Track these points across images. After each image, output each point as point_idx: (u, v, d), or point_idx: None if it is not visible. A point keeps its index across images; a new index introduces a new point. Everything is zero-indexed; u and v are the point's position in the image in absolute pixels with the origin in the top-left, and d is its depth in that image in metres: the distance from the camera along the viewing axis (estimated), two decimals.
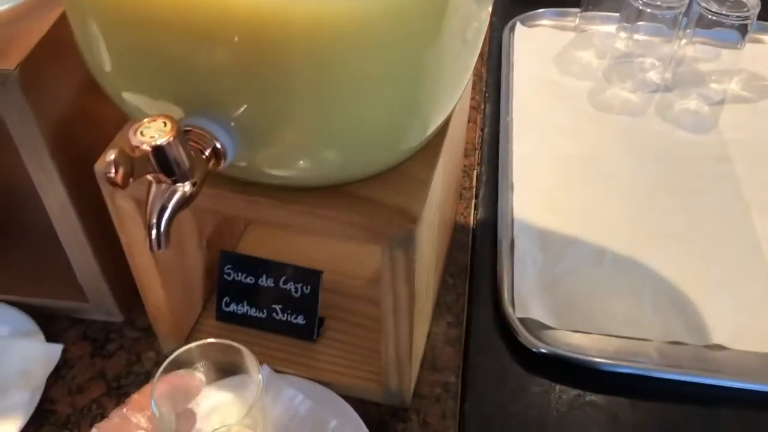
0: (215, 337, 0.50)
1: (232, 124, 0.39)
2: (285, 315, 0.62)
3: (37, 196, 0.73)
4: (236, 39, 0.36)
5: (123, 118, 0.51)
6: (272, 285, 0.62)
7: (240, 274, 0.62)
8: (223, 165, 0.41)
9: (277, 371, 0.59)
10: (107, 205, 0.51)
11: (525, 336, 0.62)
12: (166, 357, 0.63)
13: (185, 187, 0.38)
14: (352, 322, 0.65)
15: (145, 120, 0.36)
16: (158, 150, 0.36)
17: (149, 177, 0.38)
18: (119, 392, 0.62)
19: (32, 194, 0.74)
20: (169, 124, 0.36)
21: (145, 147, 0.35)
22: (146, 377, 0.63)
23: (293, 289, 0.62)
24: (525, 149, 0.82)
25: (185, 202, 0.39)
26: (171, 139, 0.35)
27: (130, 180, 0.36)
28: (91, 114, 0.57)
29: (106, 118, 0.54)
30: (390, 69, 0.39)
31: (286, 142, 0.41)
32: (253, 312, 0.63)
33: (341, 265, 0.68)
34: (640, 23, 0.89)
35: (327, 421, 0.58)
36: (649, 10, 0.86)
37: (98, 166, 0.49)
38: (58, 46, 0.52)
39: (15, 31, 0.52)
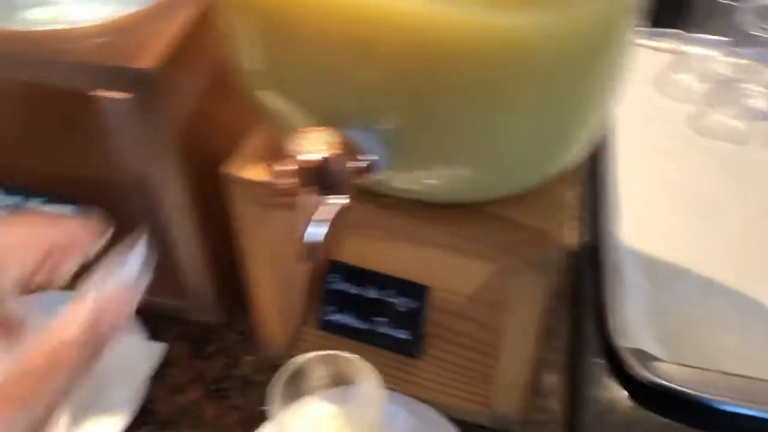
0: (316, 346, 0.50)
1: (388, 137, 0.38)
2: (388, 329, 0.61)
3: (140, 194, 0.74)
4: (402, 54, 0.35)
5: (245, 122, 0.51)
6: (377, 297, 0.61)
7: (345, 283, 0.62)
8: (370, 179, 0.40)
9: None
10: (230, 208, 0.51)
11: (635, 367, 0.60)
12: (265, 362, 0.63)
13: (341, 200, 0.38)
14: (453, 340, 0.64)
15: (308, 131, 0.36)
16: (325, 163, 0.35)
17: (302, 188, 0.37)
18: (218, 395, 0.62)
19: (133, 192, 0.75)
20: (334, 137, 0.36)
21: (313, 158, 0.35)
22: (244, 381, 0.63)
23: (398, 303, 0.61)
24: (627, 171, 0.79)
25: (340, 216, 0.38)
26: (339, 152, 0.35)
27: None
28: (216, 116, 0.57)
29: (230, 121, 0.54)
30: (553, 91, 0.38)
31: (437, 157, 0.40)
32: (355, 323, 0.62)
33: (443, 281, 0.67)
34: (744, 48, 0.86)
35: None
36: (756, 33, 0.83)
37: (232, 172, 0.48)
38: (190, 46, 0.52)
39: (150, 31, 0.52)
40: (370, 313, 0.62)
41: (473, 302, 0.65)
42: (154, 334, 0.65)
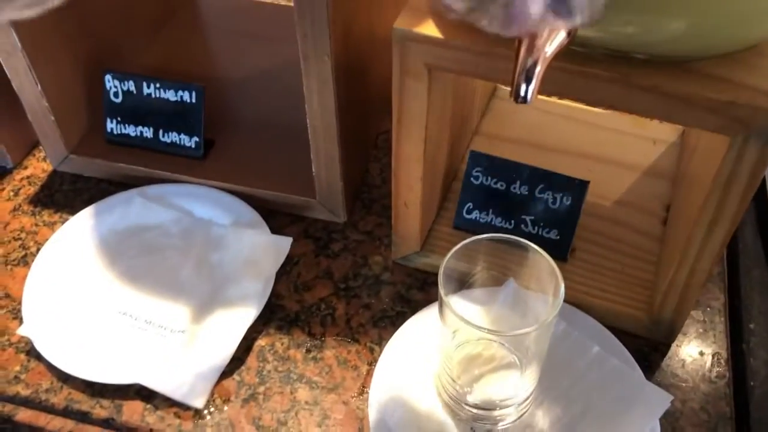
0: (451, 247, 0.45)
1: None
2: (536, 228, 0.56)
3: (274, 91, 0.70)
4: None
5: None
6: (526, 193, 0.56)
7: (490, 178, 0.56)
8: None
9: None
10: (394, 83, 0.46)
11: None
12: (396, 262, 0.59)
13: (562, 32, 0.32)
14: (601, 243, 0.58)
15: None
16: None
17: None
18: (348, 294, 0.58)
19: (268, 86, 0.71)
20: None
21: None
22: (375, 281, 0.58)
23: (551, 200, 0.55)
24: None
25: (559, 50, 0.33)
26: None
27: None
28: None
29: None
30: None
31: None
32: (498, 222, 0.57)
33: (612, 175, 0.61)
34: None
35: (587, 346, 0.52)
36: None
37: (404, 26, 0.43)
38: None
39: None
40: (517, 211, 0.56)
41: (610, 204, 0.60)
42: (275, 232, 0.61)
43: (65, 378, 0.52)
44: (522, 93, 0.33)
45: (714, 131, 0.40)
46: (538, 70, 0.33)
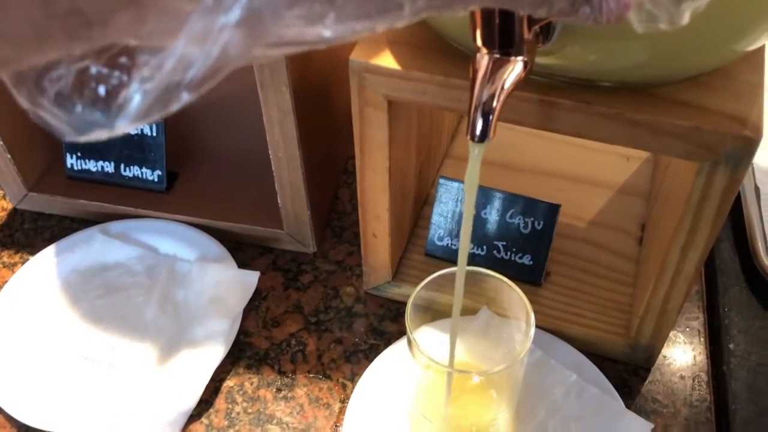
0: (424, 275, 0.44)
1: None
2: (508, 254, 0.55)
3: (238, 120, 0.69)
4: None
5: None
6: (497, 218, 0.55)
7: (460, 204, 0.55)
8: (544, 47, 0.33)
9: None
10: (354, 114, 0.45)
11: None
12: (368, 293, 0.57)
13: (518, 64, 0.31)
14: (575, 266, 0.57)
15: None
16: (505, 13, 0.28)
17: (482, 49, 0.31)
18: (319, 328, 0.56)
19: (231, 114, 0.69)
20: None
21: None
22: (347, 313, 0.57)
23: (522, 224, 0.54)
24: None
25: (516, 83, 0.31)
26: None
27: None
28: None
29: None
30: None
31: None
32: (470, 248, 0.56)
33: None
34: None
35: (564, 374, 0.50)
36: None
37: (360, 58, 0.42)
38: None
39: None
40: (488, 236, 0.55)
41: (584, 224, 0.59)
42: (242, 266, 0.59)
43: (25, 430, 0.50)
44: (479, 131, 0.31)
45: (681, 157, 0.39)
46: (495, 104, 0.31)
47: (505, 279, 0.43)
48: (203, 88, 0.19)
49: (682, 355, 0.54)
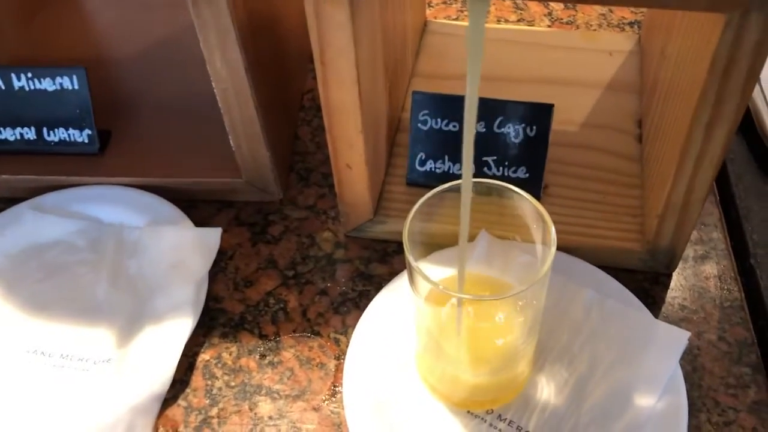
0: (407, 207, 0.37)
1: None
2: (501, 169, 0.49)
3: (172, 62, 0.61)
4: None
5: None
6: (483, 130, 0.48)
7: (439, 120, 0.48)
8: None
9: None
10: (308, 19, 0.37)
11: None
12: (348, 236, 0.51)
13: None
14: (575, 174, 0.51)
15: None
16: None
17: None
18: (299, 281, 0.49)
19: (166, 59, 0.61)
20: None
21: None
22: (328, 261, 0.50)
23: (512, 133, 0.48)
24: None
25: None
26: None
27: None
28: None
29: None
30: None
31: None
32: (456, 169, 0.49)
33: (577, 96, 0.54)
34: None
35: (579, 291, 0.45)
36: None
37: None
38: None
39: None
40: (475, 153, 0.49)
41: (575, 128, 0.53)
42: (200, 225, 0.51)
43: None
44: None
45: (705, 10, 0.32)
46: None
47: (510, 187, 0.37)
48: None
49: (703, 255, 0.49)
